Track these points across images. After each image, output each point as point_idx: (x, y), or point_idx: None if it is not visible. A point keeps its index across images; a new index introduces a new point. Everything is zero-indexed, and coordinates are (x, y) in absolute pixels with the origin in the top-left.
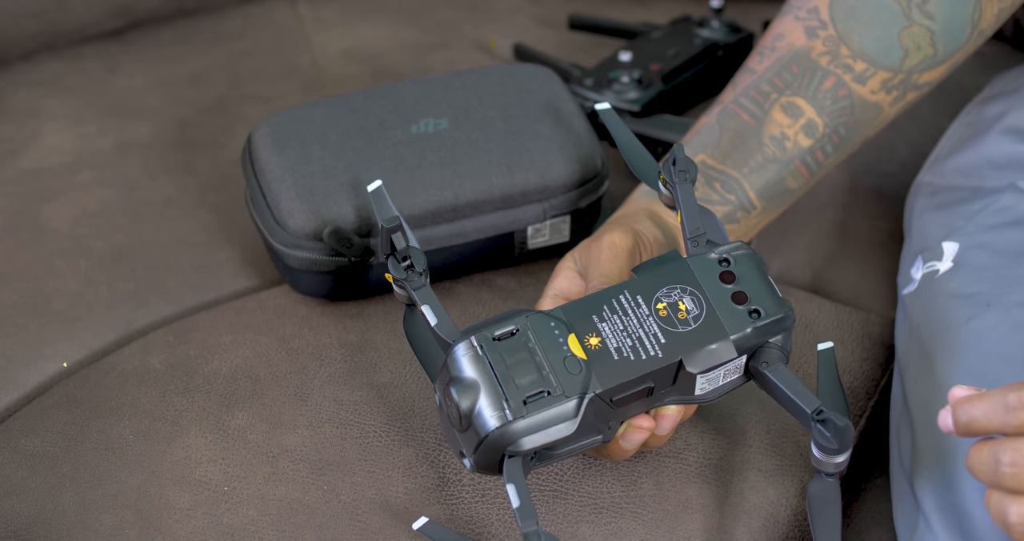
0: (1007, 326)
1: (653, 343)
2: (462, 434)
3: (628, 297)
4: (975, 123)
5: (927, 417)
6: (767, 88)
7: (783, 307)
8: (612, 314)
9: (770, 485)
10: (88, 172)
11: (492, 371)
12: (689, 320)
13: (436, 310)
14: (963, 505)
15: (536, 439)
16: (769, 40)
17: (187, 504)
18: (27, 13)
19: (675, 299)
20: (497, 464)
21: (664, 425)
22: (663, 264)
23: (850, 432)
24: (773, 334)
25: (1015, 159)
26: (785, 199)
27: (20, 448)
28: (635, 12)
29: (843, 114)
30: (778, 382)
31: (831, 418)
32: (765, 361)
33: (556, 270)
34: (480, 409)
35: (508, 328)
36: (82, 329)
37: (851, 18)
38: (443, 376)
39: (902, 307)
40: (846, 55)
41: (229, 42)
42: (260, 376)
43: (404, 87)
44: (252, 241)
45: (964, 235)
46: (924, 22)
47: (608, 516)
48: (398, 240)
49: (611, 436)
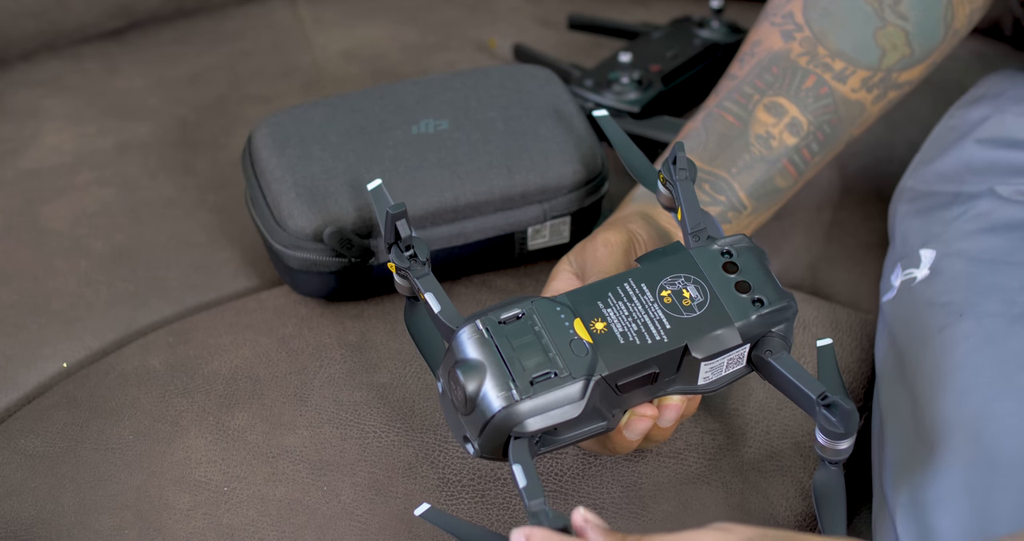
0: (978, 337)
1: (658, 328)
2: (467, 417)
3: (633, 285)
4: (957, 127)
5: (901, 428)
6: (749, 90)
7: (785, 296)
8: (617, 300)
9: (770, 485)
10: (88, 172)
11: (498, 353)
12: (694, 307)
13: (440, 297)
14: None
15: (542, 420)
16: (748, 47)
17: (187, 504)
18: (27, 13)
19: (679, 287)
20: (502, 448)
21: (667, 416)
22: (666, 254)
23: (855, 416)
24: (776, 323)
25: (994, 164)
26: (775, 198)
27: (20, 448)
28: (635, 12)
29: (826, 112)
30: (783, 369)
31: (837, 402)
32: (768, 350)
33: (553, 273)
34: (486, 390)
35: (514, 312)
36: (82, 329)
37: (825, 19)
38: (447, 360)
39: (882, 315)
40: (824, 55)
41: (229, 42)
42: (260, 376)
43: (404, 87)
44: (252, 241)
45: (941, 242)
46: (898, 22)
47: (608, 516)
48: (402, 228)
49: (615, 424)
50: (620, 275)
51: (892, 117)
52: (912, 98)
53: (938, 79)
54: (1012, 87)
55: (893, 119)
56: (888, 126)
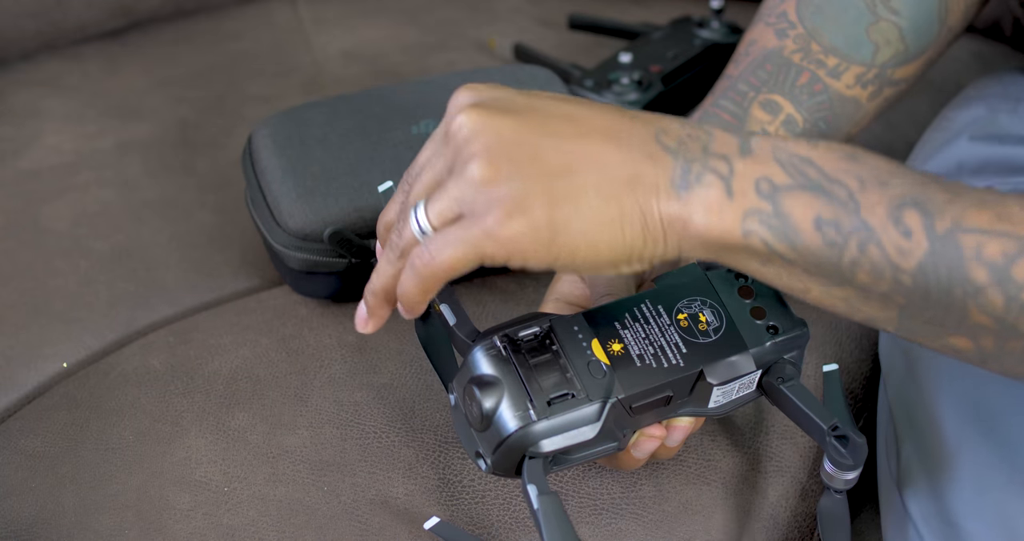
0: None
1: (675, 352)
2: (481, 434)
3: (649, 306)
4: (950, 127)
5: (912, 424)
6: (744, 88)
7: (799, 324)
8: (634, 322)
9: (770, 487)
10: (88, 172)
11: (517, 371)
12: (709, 332)
13: (455, 309)
14: (952, 514)
15: (557, 441)
16: (743, 47)
17: (187, 505)
18: (27, 13)
19: (695, 311)
20: (515, 466)
21: (675, 436)
22: (683, 276)
23: (865, 449)
24: (788, 350)
25: (988, 162)
26: None
27: (20, 448)
28: (635, 12)
29: (821, 109)
30: (794, 398)
31: (849, 434)
32: (780, 377)
33: (557, 274)
34: (503, 409)
35: (532, 330)
36: (82, 329)
37: (818, 15)
38: (463, 374)
39: None
40: (817, 51)
41: (229, 42)
42: (260, 377)
43: (404, 88)
44: (252, 241)
45: None
46: (891, 18)
47: (608, 517)
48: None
49: (625, 444)
50: (637, 296)
51: (890, 117)
52: (911, 98)
53: (937, 80)
54: (1003, 86)
55: (892, 119)
56: (886, 126)
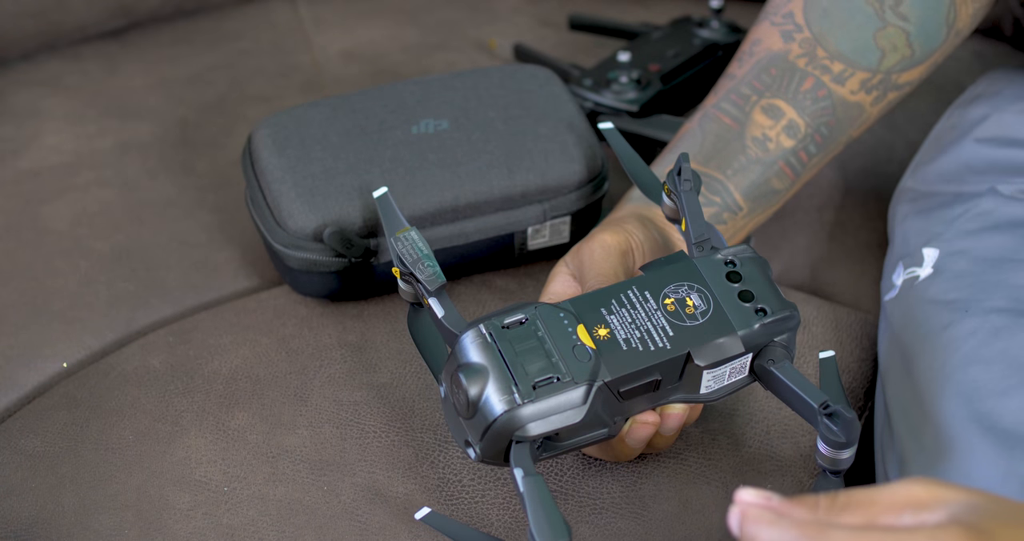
0: (985, 331)
1: (661, 335)
2: (468, 421)
3: (636, 292)
4: (957, 126)
5: (908, 424)
6: (747, 91)
7: (788, 307)
8: (620, 307)
9: (769, 486)
10: (88, 172)
11: (501, 357)
12: (697, 315)
13: (443, 302)
14: None
15: (543, 425)
16: (747, 46)
17: (187, 504)
18: (27, 13)
19: (682, 295)
20: (504, 452)
21: (669, 424)
22: (670, 263)
23: (857, 425)
24: (778, 333)
25: (994, 163)
26: (772, 200)
27: (20, 448)
28: (635, 12)
29: (824, 114)
30: (785, 378)
31: (839, 411)
32: (771, 359)
33: (551, 275)
34: (488, 394)
35: (517, 317)
36: (82, 329)
37: (825, 20)
38: (450, 364)
39: (884, 314)
40: (823, 56)
41: (229, 42)
42: (260, 376)
43: (404, 88)
44: (252, 241)
45: (944, 241)
46: (898, 23)
47: (608, 516)
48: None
49: (616, 431)
50: (624, 283)
51: (892, 118)
52: (912, 99)
53: (938, 79)
54: (1010, 85)
55: (893, 120)
56: (888, 127)
